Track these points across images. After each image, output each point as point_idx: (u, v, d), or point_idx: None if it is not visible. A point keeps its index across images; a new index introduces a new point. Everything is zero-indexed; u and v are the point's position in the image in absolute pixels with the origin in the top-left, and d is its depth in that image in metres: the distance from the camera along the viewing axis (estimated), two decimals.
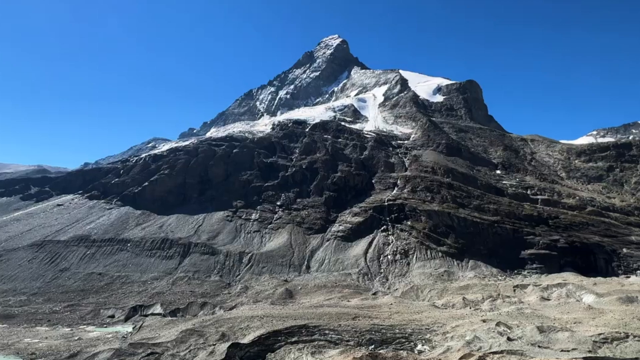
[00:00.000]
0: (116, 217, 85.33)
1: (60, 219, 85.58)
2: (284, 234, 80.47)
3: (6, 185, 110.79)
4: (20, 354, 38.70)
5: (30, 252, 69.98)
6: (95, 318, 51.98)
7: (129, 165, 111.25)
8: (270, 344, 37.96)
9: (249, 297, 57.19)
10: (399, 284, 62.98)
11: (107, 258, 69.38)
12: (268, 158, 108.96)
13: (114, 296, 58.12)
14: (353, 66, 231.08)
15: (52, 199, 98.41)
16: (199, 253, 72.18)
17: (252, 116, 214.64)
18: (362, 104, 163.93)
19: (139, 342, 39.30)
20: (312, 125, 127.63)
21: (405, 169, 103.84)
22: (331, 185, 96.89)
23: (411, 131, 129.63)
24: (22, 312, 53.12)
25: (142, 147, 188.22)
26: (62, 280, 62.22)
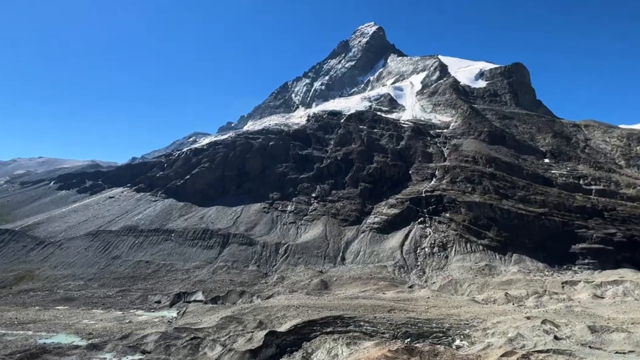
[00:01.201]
0: (161, 209, 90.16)
1: (111, 210, 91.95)
2: (319, 225, 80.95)
3: (65, 179, 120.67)
4: (80, 333, 42.13)
5: (86, 241, 75.90)
6: (143, 303, 55.46)
7: (172, 159, 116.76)
8: (306, 333, 38.61)
9: (285, 287, 58.33)
10: (436, 277, 61.33)
11: (153, 247, 73.67)
12: (303, 150, 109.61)
13: (160, 283, 61.65)
14: (389, 54, 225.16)
15: (104, 192, 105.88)
16: (237, 243, 74.57)
17: (287, 109, 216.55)
18: (398, 92, 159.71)
19: (183, 327, 41.50)
20: (347, 116, 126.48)
21: (444, 159, 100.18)
22: (367, 177, 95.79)
23: (451, 119, 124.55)
24: (81, 295, 57.84)
25: (184, 141, 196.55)
26: (114, 267, 66.98)
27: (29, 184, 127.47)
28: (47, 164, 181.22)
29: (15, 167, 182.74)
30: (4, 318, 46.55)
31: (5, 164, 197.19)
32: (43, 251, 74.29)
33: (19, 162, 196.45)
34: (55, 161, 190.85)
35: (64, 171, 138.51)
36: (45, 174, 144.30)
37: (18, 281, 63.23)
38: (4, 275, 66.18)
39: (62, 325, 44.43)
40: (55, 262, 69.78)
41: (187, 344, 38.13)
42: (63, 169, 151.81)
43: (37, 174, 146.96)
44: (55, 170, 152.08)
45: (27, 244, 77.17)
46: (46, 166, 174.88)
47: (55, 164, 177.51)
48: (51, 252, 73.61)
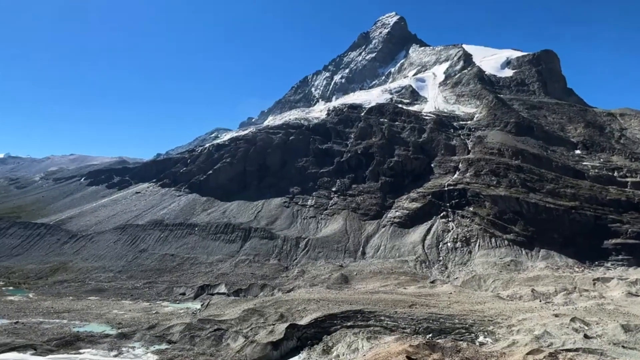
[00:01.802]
0: (185, 204, 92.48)
1: (138, 205, 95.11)
2: (339, 219, 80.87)
3: (94, 175, 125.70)
4: (110, 323, 44.02)
5: (115, 235, 78.90)
6: (169, 295, 57.28)
7: (195, 154, 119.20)
8: (327, 327, 38.85)
9: (305, 280, 58.79)
10: (459, 272, 60.13)
11: (178, 241, 75.77)
12: (323, 144, 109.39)
13: (185, 275, 63.44)
14: (411, 44, 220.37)
15: (131, 187, 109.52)
16: (258, 237, 75.60)
17: (307, 103, 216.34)
18: (420, 84, 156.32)
19: (207, 318, 42.59)
20: (367, 109, 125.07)
21: (468, 152, 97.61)
22: (387, 170, 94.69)
23: (475, 110, 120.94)
24: (110, 287, 60.30)
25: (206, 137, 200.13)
26: (141, 260, 69.39)
27: (61, 180, 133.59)
28: (78, 161, 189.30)
29: (49, 164, 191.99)
30: (42, 307, 49.17)
31: (40, 161, 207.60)
32: (75, 244, 77.85)
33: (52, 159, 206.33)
34: (86, 158, 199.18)
35: (94, 167, 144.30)
36: (76, 170, 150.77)
37: (53, 272, 66.59)
38: (41, 267, 69.84)
39: (93, 315, 46.54)
40: (87, 255, 72.98)
41: (210, 335, 39.17)
42: (92, 165, 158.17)
43: (68, 171, 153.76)
44: (85, 166, 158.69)
45: (60, 237, 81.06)
46: (77, 163, 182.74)
47: (86, 161, 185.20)
48: (83, 245, 77.02)
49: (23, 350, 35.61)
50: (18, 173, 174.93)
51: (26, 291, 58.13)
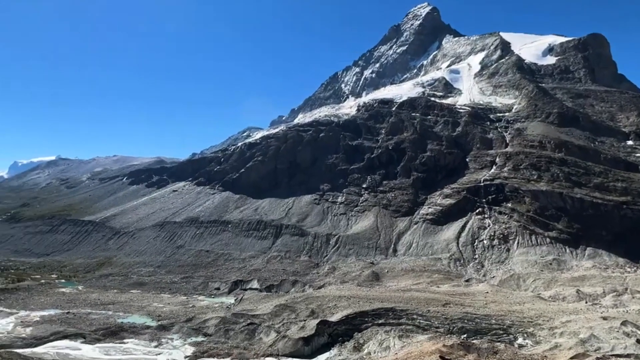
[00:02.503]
0: (219, 201, 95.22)
1: (175, 203, 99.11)
2: (370, 216, 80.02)
3: (135, 175, 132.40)
4: (151, 315, 46.18)
5: (154, 231, 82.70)
6: (204, 289, 59.24)
7: (228, 153, 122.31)
8: (357, 324, 38.66)
9: (336, 277, 58.74)
10: (496, 271, 57.62)
11: (212, 237, 78.21)
12: (353, 140, 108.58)
13: (219, 271, 65.36)
14: (444, 35, 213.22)
15: (168, 186, 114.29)
16: (289, 234, 76.41)
17: (337, 99, 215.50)
18: (454, 75, 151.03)
19: (240, 313, 43.64)
20: (398, 104, 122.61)
21: (506, 145, 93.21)
22: (420, 166, 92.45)
23: (514, 101, 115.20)
24: (151, 281, 63.24)
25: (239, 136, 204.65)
26: (178, 255, 72.29)
27: (106, 180, 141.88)
28: (121, 162, 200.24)
29: (95, 165, 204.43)
30: (90, 299, 52.45)
31: (87, 162, 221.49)
32: (119, 240, 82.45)
33: (97, 160, 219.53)
34: (127, 159, 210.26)
35: (134, 168, 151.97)
36: (119, 170, 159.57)
37: (99, 267, 70.91)
38: (89, 261, 74.60)
39: (136, 307, 48.99)
40: (129, 251, 77.06)
41: (244, 329, 40.13)
42: (133, 165, 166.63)
43: (112, 171, 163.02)
44: (127, 167, 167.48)
45: (105, 234, 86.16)
46: (120, 163, 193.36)
47: (127, 161, 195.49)
48: (125, 242, 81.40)
49: (74, 339, 38.21)
50: (68, 174, 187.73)
51: (76, 284, 62.17)
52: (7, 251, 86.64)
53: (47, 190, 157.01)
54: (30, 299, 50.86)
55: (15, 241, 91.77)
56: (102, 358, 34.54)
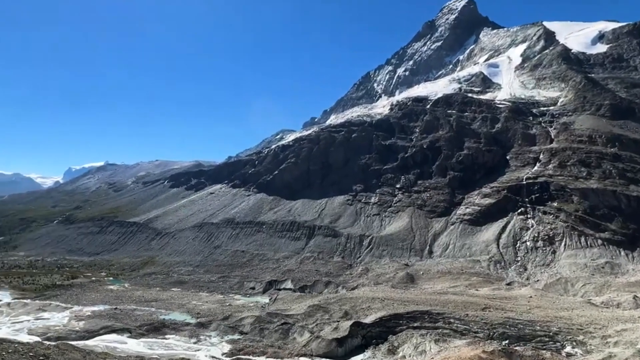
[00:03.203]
0: (253, 203, 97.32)
1: (212, 204, 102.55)
2: (404, 217, 78.37)
3: (175, 178, 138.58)
4: (190, 312, 47.93)
5: (193, 232, 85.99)
6: (240, 288, 60.64)
7: (262, 156, 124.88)
8: (392, 327, 37.88)
9: (369, 278, 58.00)
10: (540, 274, 54.28)
11: (247, 238, 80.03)
12: (387, 140, 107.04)
13: (254, 271, 66.71)
14: (482, 28, 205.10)
15: (206, 189, 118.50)
16: (322, 235, 76.53)
17: (369, 99, 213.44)
18: (493, 69, 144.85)
19: (275, 312, 44.21)
20: (433, 101, 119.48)
21: (551, 141, 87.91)
22: (456, 165, 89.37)
23: (559, 94, 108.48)
24: (190, 280, 65.70)
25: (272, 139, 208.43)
26: (215, 255, 74.65)
27: (148, 184, 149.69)
28: (162, 166, 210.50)
29: (139, 169, 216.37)
30: (135, 296, 55.34)
31: (131, 167, 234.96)
32: (160, 241, 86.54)
33: (141, 165, 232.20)
34: (168, 163, 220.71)
35: (174, 171, 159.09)
36: (160, 174, 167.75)
37: (143, 265, 74.74)
38: (134, 260, 78.89)
39: (176, 305, 51.06)
40: (170, 251, 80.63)
41: (278, 328, 40.63)
42: (173, 169, 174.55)
43: (154, 175, 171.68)
44: (167, 170, 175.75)
45: (149, 235, 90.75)
46: (161, 168, 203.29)
47: (168, 166, 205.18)
48: (167, 242, 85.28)
49: (121, 333, 40.47)
50: (115, 178, 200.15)
51: (123, 281, 65.87)
52: (63, 250, 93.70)
53: (96, 194, 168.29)
54: (83, 295, 54.49)
55: (70, 241, 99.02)
56: (146, 352, 36.12)
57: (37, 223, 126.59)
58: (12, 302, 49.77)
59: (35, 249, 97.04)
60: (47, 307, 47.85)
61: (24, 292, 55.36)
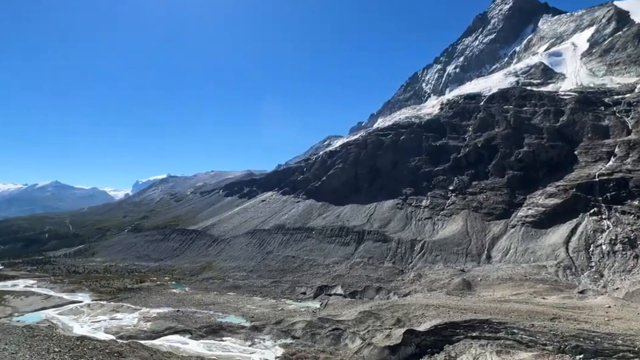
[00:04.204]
0: (303, 209, 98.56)
1: (264, 211, 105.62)
2: (458, 220, 74.37)
3: (229, 187, 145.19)
4: (245, 316, 49.45)
5: (246, 239, 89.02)
6: (291, 293, 61.40)
7: (310, 163, 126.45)
8: (448, 336, 35.94)
9: (422, 285, 55.63)
10: (621, 282, 48.14)
11: (298, 244, 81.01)
12: (437, 141, 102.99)
13: (305, 276, 67.20)
14: (541, 15, 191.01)
15: (258, 196, 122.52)
16: (372, 240, 75.14)
17: (418, 100, 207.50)
18: (555, 59, 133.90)
19: (326, 318, 44.10)
20: (487, 97, 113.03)
21: (628, 132, 78.68)
22: (515, 163, 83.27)
23: (636, 80, 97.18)
24: (244, 284, 67.91)
25: (320, 145, 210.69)
26: (267, 261, 76.49)
27: (205, 193, 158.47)
28: (217, 176, 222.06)
29: (197, 180, 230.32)
30: (195, 299, 58.37)
31: (190, 178, 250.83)
32: (217, 247, 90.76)
33: (199, 176, 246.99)
34: (222, 173, 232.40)
35: (228, 181, 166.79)
36: (216, 184, 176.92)
37: (201, 270, 78.80)
38: (193, 265, 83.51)
39: (232, 308, 52.96)
40: (226, 256, 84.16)
41: (329, 333, 40.44)
42: (227, 179, 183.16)
43: (210, 185, 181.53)
44: (222, 180, 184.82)
45: (206, 241, 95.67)
46: (216, 178, 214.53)
47: (222, 176, 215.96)
48: (222, 248, 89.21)
49: (183, 334, 42.88)
50: (176, 189, 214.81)
51: (184, 285, 69.88)
52: (132, 256, 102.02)
53: (160, 204, 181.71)
54: (149, 298, 58.62)
55: (138, 248, 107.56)
56: (206, 353, 37.81)
57: (110, 232, 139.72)
58: (91, 303, 55.08)
59: (110, 255, 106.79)
60: (120, 308, 52.16)
61: (100, 294, 60.97)
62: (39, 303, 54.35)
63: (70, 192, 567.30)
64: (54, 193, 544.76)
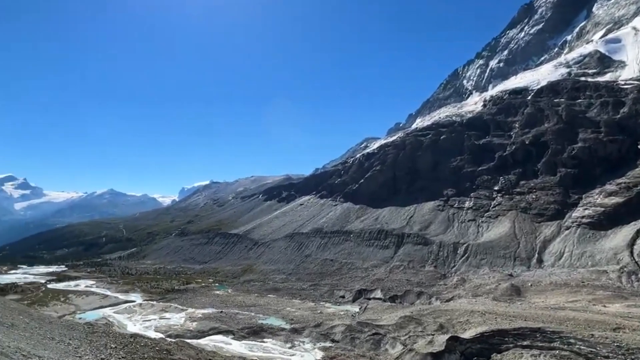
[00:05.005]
0: (340, 212, 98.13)
1: (302, 215, 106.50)
2: (505, 222, 70.23)
3: (268, 192, 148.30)
4: (285, 318, 49.94)
5: (285, 242, 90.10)
6: (330, 297, 61.13)
7: (347, 165, 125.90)
8: (496, 344, 33.93)
9: (466, 290, 53.00)
10: None
11: (336, 247, 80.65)
12: (480, 139, 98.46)
13: (343, 279, 66.67)
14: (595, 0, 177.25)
15: (296, 200, 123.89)
16: (412, 243, 73.00)
17: (459, 97, 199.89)
18: (613, 46, 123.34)
19: (365, 322, 43.40)
20: (535, 91, 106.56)
21: None
22: (569, 160, 77.43)
23: None
24: (284, 287, 68.69)
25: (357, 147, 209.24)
26: (306, 264, 76.84)
27: (246, 198, 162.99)
28: (257, 182, 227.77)
29: (238, 185, 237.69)
30: (237, 301, 59.93)
31: (232, 184, 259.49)
32: (257, 250, 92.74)
33: (239, 182, 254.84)
34: (262, 178, 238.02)
35: (267, 186, 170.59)
36: (255, 189, 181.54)
37: (243, 273, 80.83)
38: (235, 268, 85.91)
39: (272, 310, 53.71)
40: (266, 259, 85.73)
41: (369, 338, 39.71)
42: (266, 184, 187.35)
43: (250, 190, 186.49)
44: (262, 185, 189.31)
45: (247, 245, 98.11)
46: (256, 183, 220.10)
47: (262, 181, 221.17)
48: (262, 251, 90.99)
49: (226, 334, 44.13)
50: (218, 194, 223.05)
51: (226, 287, 72.03)
52: (179, 259, 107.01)
53: (204, 209, 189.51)
54: (195, 299, 61.02)
55: (184, 251, 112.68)
56: (247, 354, 38.56)
57: (159, 236, 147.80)
58: (142, 303, 58.37)
59: (159, 258, 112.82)
60: (168, 308, 54.78)
61: (151, 294, 64.45)
62: (98, 302, 58.47)
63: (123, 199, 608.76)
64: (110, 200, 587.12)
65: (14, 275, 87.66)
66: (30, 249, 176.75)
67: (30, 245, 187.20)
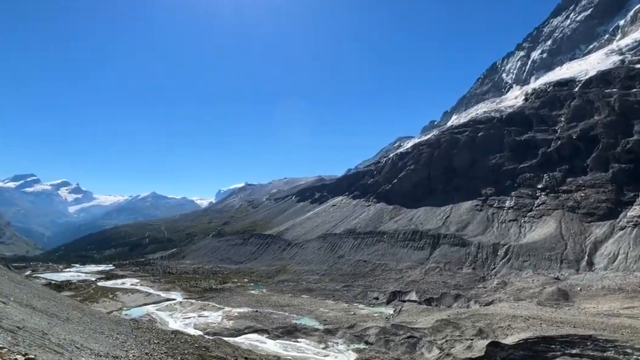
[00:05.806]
0: (373, 213, 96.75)
1: (335, 216, 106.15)
2: (550, 222, 65.95)
3: (301, 193, 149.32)
4: (318, 319, 49.96)
5: (318, 243, 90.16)
6: (364, 298, 60.37)
7: (380, 165, 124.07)
8: (541, 351, 32.11)
9: (508, 293, 50.27)
10: None
11: (369, 248, 79.56)
12: (521, 135, 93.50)
13: (377, 281, 65.59)
14: None
15: (328, 201, 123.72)
16: (448, 244, 70.47)
17: (497, 92, 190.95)
18: None
19: (400, 324, 42.42)
20: (583, 82, 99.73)
21: None
22: (623, 155, 71.63)
23: None
24: (317, 287, 68.74)
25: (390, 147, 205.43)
26: (339, 265, 76.42)
27: (279, 200, 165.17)
28: (290, 183, 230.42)
29: (271, 187, 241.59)
30: (271, 300, 60.75)
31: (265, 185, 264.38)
32: (290, 251, 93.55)
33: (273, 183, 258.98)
34: (295, 180, 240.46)
35: (300, 187, 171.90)
36: (288, 190, 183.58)
37: (277, 273, 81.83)
38: (269, 268, 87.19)
39: (306, 311, 53.88)
40: (299, 260, 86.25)
41: (404, 341, 38.76)
42: (299, 185, 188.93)
43: (283, 191, 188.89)
44: (295, 187, 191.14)
45: (281, 245, 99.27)
46: (289, 185, 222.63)
47: (295, 182, 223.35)
48: (296, 252, 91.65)
49: (261, 333, 44.87)
50: (252, 196, 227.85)
51: (261, 287, 73.22)
52: (216, 259, 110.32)
53: (239, 211, 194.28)
54: (231, 298, 62.57)
55: (221, 251, 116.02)
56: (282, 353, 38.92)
57: (198, 237, 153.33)
58: (182, 301, 60.74)
59: (197, 258, 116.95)
60: (206, 307, 56.57)
61: (190, 293, 66.91)
62: (142, 299, 61.52)
63: (164, 201, 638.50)
64: (152, 203, 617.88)
65: (69, 273, 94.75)
66: (82, 249, 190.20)
67: (82, 246, 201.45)
